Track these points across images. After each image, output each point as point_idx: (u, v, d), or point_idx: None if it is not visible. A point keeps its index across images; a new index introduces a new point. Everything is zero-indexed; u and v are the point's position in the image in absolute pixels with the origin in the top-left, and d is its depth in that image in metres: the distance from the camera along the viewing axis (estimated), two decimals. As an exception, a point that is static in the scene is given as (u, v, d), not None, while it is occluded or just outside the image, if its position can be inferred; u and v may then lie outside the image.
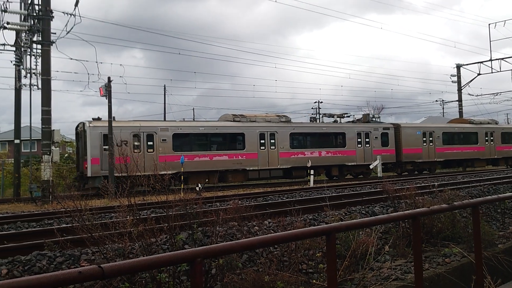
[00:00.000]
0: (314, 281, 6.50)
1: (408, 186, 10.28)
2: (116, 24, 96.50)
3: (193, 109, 71.08)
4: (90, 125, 25.21)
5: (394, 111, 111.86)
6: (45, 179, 20.07)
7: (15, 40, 25.72)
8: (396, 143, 34.71)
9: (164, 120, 42.12)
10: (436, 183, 12.95)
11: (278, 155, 29.35)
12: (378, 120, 37.01)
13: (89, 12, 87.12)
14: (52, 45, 21.71)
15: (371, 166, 32.39)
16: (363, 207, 12.18)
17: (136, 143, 25.56)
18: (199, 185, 21.52)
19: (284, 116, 31.59)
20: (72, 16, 21.79)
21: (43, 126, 20.96)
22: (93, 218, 6.63)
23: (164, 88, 49.73)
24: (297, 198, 16.08)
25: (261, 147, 28.92)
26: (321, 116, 35.05)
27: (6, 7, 22.26)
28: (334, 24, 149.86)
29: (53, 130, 21.24)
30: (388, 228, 8.99)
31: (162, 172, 25.09)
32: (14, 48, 25.73)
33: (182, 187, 19.33)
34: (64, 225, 9.20)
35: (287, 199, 15.46)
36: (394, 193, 10.02)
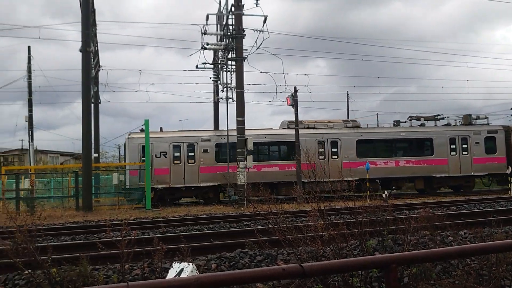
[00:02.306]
0: (519, 299, 5.95)
1: None
2: (301, 36, 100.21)
3: (377, 115, 69.69)
4: (129, 137, 24.98)
5: None
6: (241, 184, 21.89)
7: (213, 58, 28.75)
8: (507, 149, 28.17)
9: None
10: None
11: (341, 166, 24.66)
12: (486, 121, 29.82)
13: (276, 27, 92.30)
14: (244, 60, 23.65)
15: None
16: None
17: (176, 154, 24.65)
18: (386, 192, 21.12)
19: (352, 121, 27.90)
20: (261, 32, 23.46)
21: (238, 135, 22.89)
22: (287, 221, 7.10)
23: (347, 94, 49.96)
24: (496, 208, 14.75)
25: (320, 157, 25.14)
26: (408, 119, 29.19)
27: (205, 29, 24.98)
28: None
29: (247, 138, 23.01)
30: None
31: (203, 184, 25.22)
32: (212, 66, 28.82)
33: (368, 193, 19.23)
34: (260, 227, 9.97)
35: (484, 209, 14.32)
36: None
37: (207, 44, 24.63)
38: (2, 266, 6.96)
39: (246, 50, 23.91)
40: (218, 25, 26.26)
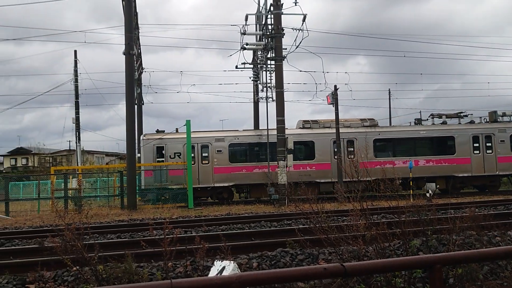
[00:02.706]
0: None
1: None
2: (341, 34, 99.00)
3: (420, 112, 68.03)
4: (143, 138, 25.13)
5: None
6: (282, 183, 21.88)
7: (252, 58, 28.89)
8: None
9: (390, 124, 41.53)
10: None
11: (357, 166, 23.19)
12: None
13: (316, 26, 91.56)
14: (283, 59, 23.61)
15: None
16: None
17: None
18: (430, 191, 20.64)
19: (369, 119, 26.88)
20: (300, 31, 23.36)
21: (278, 134, 22.86)
22: (328, 221, 7.05)
23: (389, 92, 49.10)
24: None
25: (335, 157, 24.89)
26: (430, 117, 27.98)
27: (245, 30, 25.10)
28: None
29: (287, 137, 22.96)
30: None
31: (217, 185, 25.13)
32: (251, 66, 28.96)
33: (411, 192, 18.85)
34: (301, 226, 9.95)
35: (534, 208, 13.78)
36: None
37: (247, 44, 24.73)
38: (51, 263, 7.23)
39: (286, 49, 23.88)
40: (257, 25, 26.34)
